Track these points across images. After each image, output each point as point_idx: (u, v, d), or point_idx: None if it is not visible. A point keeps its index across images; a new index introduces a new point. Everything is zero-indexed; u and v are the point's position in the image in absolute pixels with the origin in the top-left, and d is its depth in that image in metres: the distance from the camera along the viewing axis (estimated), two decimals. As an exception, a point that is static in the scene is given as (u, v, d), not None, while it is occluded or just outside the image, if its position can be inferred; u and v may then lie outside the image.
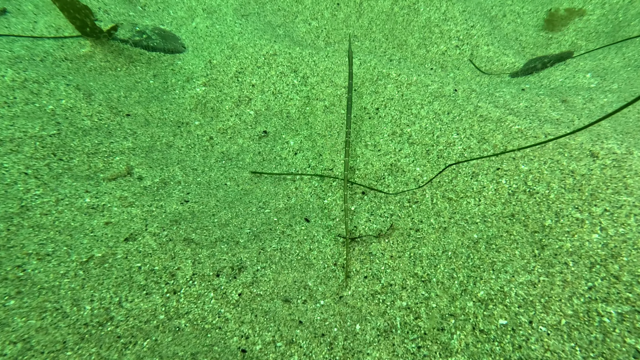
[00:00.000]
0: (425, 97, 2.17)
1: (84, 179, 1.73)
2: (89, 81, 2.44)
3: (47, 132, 1.86)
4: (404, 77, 2.34)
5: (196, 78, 2.71)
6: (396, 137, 2.04)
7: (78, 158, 1.84)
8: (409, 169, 1.87)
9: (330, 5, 3.99)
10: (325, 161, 2.18)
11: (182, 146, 2.28)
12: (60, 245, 1.42)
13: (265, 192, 2.10)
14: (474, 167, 1.78)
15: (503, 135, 1.83)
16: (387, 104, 2.23)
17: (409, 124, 2.07)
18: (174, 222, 1.68)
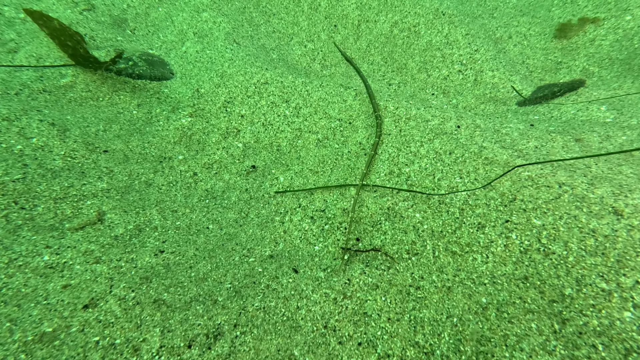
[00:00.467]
0: (425, 133, 2.03)
1: (47, 230, 1.59)
2: (67, 114, 2.34)
3: (11, 177, 1.73)
4: (402, 110, 2.22)
5: (182, 108, 2.60)
6: (394, 178, 1.90)
7: (43, 205, 1.71)
8: (407, 215, 1.72)
9: (327, 27, 3.92)
10: (317, 201, 2.04)
11: (162, 184, 2.15)
12: (3, 321, 1.27)
13: (250, 236, 1.95)
14: (480, 217, 1.62)
15: (511, 183, 1.68)
16: (385, 139, 2.10)
17: (407, 164, 1.93)
18: (145, 279, 1.53)
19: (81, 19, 3.26)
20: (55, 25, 2.52)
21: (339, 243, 1.82)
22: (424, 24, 3.64)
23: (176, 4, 3.87)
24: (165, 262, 1.67)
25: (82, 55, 2.56)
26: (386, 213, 1.74)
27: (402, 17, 3.76)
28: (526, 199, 1.62)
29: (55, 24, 2.53)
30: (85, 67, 2.60)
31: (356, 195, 1.85)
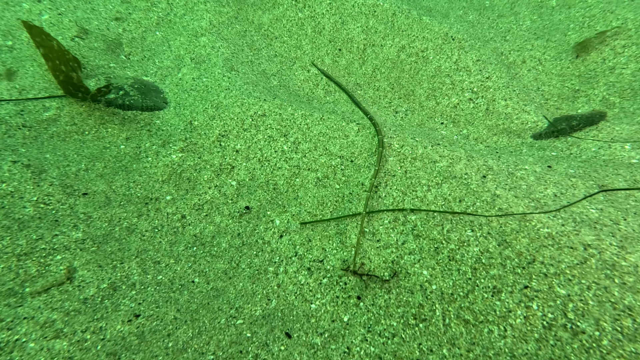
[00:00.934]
0: (432, 176, 1.87)
1: (3, 297, 1.44)
2: (46, 152, 2.22)
3: (-29, 231, 1.59)
4: (407, 149, 2.06)
5: (173, 142, 2.47)
6: (398, 226, 1.73)
7: (4, 264, 1.56)
8: (414, 271, 1.54)
9: (332, 51, 3.83)
10: (315, 249, 1.87)
11: (146, 230, 2.00)
12: None
13: (240, 291, 1.77)
14: (495, 279, 1.44)
15: (529, 240, 1.50)
16: (388, 181, 1.94)
17: (413, 211, 1.76)
18: (112, 355, 1.36)
19: (72, 46, 3.19)
20: (54, 45, 2.42)
21: (339, 301, 1.64)
22: (433, 49, 3.53)
23: (174, 28, 3.81)
24: (140, 329, 1.50)
25: (74, 83, 2.45)
26: (390, 267, 1.57)
27: (409, 41, 3.66)
28: (547, 261, 1.44)
29: (54, 44, 2.43)
30: (74, 97, 2.48)
31: (360, 226, 1.68)
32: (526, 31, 4.17)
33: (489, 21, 4.51)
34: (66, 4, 3.78)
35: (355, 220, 1.87)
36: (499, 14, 4.66)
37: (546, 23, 4.11)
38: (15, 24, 3.34)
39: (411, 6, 4.08)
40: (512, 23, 4.42)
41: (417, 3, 4.43)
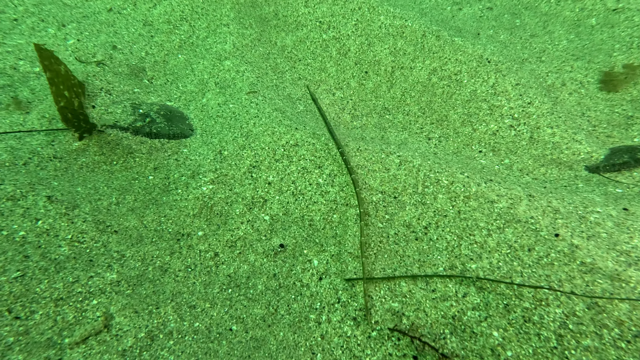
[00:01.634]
0: (492, 219, 1.82)
1: (42, 349, 1.42)
2: (77, 185, 2.24)
3: (8, 276, 1.59)
4: (459, 186, 2.02)
5: (203, 173, 2.48)
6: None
7: (42, 310, 1.54)
8: (481, 331, 1.48)
9: (357, 74, 3.85)
10: (360, 296, 1.82)
11: (179, 269, 1.98)
12: None
13: (282, 342, 1.73)
14: (590, 352, 1.36)
15: (631, 307, 1.42)
16: (439, 222, 1.89)
17: (473, 258, 1.70)
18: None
19: (97, 72, 3.27)
20: (61, 70, 2.43)
21: (392, 359, 1.58)
22: (467, 72, 3.52)
23: (197, 51, 3.89)
24: (182, 386, 1.46)
25: (74, 110, 2.44)
26: (451, 324, 1.50)
27: (441, 64, 3.67)
28: None
29: (61, 69, 2.43)
30: (71, 124, 2.40)
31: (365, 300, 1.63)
32: (563, 51, 4.15)
33: (522, 41, 4.51)
34: (90, 28, 3.90)
35: (405, 267, 1.82)
36: (532, 33, 4.67)
37: (585, 43, 4.09)
38: (41, 50, 3.44)
39: (441, 27, 4.11)
40: (547, 43, 4.41)
41: (446, 23, 4.46)
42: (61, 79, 2.45)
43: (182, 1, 4.25)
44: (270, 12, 4.45)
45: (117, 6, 4.30)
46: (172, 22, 4.11)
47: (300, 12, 4.27)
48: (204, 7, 4.27)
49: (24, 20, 3.79)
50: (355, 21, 4.17)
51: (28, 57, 3.30)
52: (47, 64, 2.37)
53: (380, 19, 4.12)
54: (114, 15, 4.16)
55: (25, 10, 3.94)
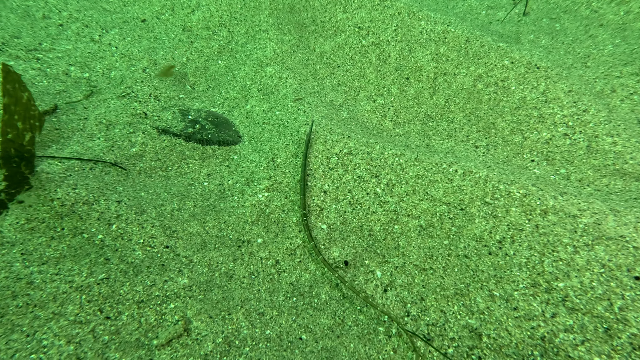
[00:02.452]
0: (577, 235, 1.85)
1: (134, 348, 1.52)
2: (140, 191, 2.36)
3: (96, 278, 1.70)
4: (533, 200, 2.07)
5: (258, 180, 2.58)
6: (541, 294, 1.71)
7: (127, 312, 1.65)
8: (578, 355, 1.51)
9: (398, 80, 3.93)
10: (432, 311, 1.87)
11: (244, 276, 2.07)
12: None
13: (352, 354, 1.79)
14: None
15: None
16: (515, 237, 1.94)
17: (559, 277, 1.74)
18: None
19: (144, 77, 3.42)
20: (23, 98, 1.99)
21: (470, 372, 1.63)
22: (515, 79, 3.57)
23: (236, 57, 4.02)
24: (265, 391, 1.54)
25: (21, 145, 1.94)
26: (540, 345, 1.55)
27: (487, 70, 3.72)
28: None
29: (24, 96, 2.00)
30: (7, 164, 1.88)
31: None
32: (609, 56, 4.16)
33: (564, 46, 4.54)
34: (131, 33, 4.07)
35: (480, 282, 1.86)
36: (573, 38, 4.68)
37: (634, 47, 4.09)
38: (90, 55, 3.62)
39: (484, 32, 4.16)
40: (591, 48, 4.43)
41: (486, 28, 4.52)
42: (20, 107, 1.95)
43: (220, 7, 4.41)
44: (308, 18, 4.57)
45: (155, 12, 4.47)
46: (210, 28, 4.26)
47: (339, 18, 4.37)
48: (242, 13, 4.42)
49: (69, 26, 3.98)
50: (395, 27, 4.25)
51: (77, 63, 3.47)
52: (9, 88, 1.91)
53: (421, 24, 4.19)
54: (153, 21, 4.33)
55: (69, 15, 4.13)
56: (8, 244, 1.80)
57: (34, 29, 3.93)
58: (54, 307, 1.57)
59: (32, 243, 1.81)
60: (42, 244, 1.82)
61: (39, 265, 1.71)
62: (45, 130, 2.60)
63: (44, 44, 3.66)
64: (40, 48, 3.52)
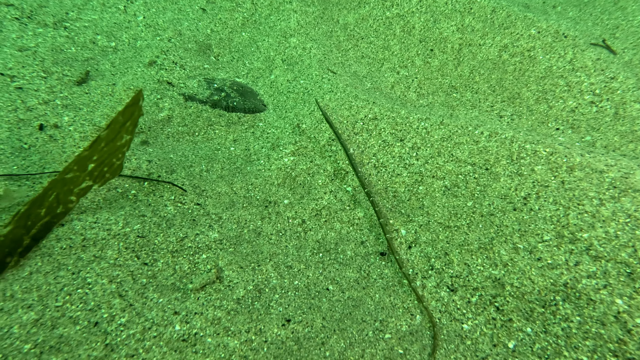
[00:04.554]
0: (603, 189, 1.82)
1: (170, 291, 1.58)
2: (169, 153, 2.40)
3: (131, 228, 1.76)
4: (560, 157, 2.03)
5: (283, 145, 2.60)
6: (565, 245, 1.70)
7: (162, 260, 1.71)
8: (600, 298, 1.51)
9: (422, 52, 3.85)
10: (456, 264, 1.88)
11: (271, 233, 2.11)
12: None
13: (378, 303, 1.82)
14: None
15: None
16: (540, 192, 1.92)
17: (584, 228, 1.72)
18: (278, 358, 1.44)
19: (170, 47, 3.44)
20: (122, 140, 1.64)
21: (497, 324, 1.64)
22: (541, 48, 3.46)
23: (260, 29, 4.00)
24: (295, 335, 1.58)
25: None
26: (562, 290, 1.54)
27: (512, 40, 3.61)
28: None
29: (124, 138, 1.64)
30: None
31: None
32: (639, 27, 4.00)
33: (592, 17, 4.36)
34: (156, 4, 4.08)
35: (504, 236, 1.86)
36: (602, 9, 4.50)
37: (668, 18, 3.91)
38: (116, 25, 3.66)
39: (510, 2, 4.03)
40: (620, 19, 4.25)
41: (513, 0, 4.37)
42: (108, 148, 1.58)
43: (243, -21, 4.36)
44: (331, -10, 4.48)
45: (178, -16, 4.45)
46: (234, 0, 4.24)
47: (363, -11, 4.28)
48: (265, -15, 4.36)
49: (95, -2, 4.01)
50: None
51: (104, 32, 3.52)
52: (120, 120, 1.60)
53: (446, -6, 4.08)
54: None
55: (96, -12, 4.16)
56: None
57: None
58: (94, 251, 1.63)
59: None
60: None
61: (77, 214, 1.78)
62: (76, 94, 2.67)
63: (70, 13, 3.70)
64: (67, 17, 3.57)
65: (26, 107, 2.43)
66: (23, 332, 1.36)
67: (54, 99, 2.54)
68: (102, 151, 1.61)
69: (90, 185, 1.61)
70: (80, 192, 1.59)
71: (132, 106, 1.67)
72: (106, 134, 1.60)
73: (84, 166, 1.58)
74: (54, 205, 1.53)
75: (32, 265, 1.53)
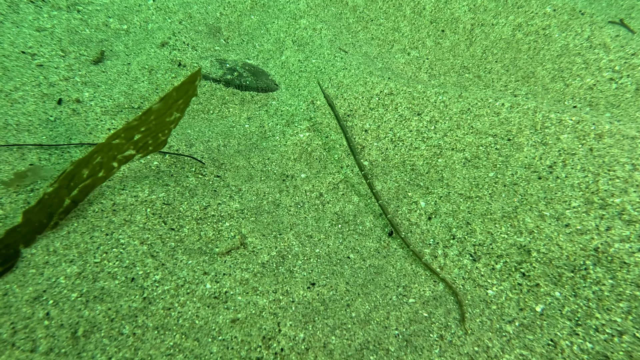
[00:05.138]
0: (636, 154, 1.82)
1: (198, 254, 1.60)
2: (186, 129, 2.43)
3: (157, 195, 1.79)
4: (587, 125, 2.03)
5: (298, 122, 2.61)
6: (595, 210, 1.71)
7: (188, 226, 1.73)
8: (635, 261, 1.52)
9: (433, 33, 3.84)
10: (478, 233, 1.89)
11: (290, 205, 2.13)
12: (189, 356, 1.26)
13: (400, 271, 1.84)
14: None
15: None
16: (567, 160, 1.92)
17: (615, 193, 1.73)
18: (307, 317, 1.47)
19: (181, 29, 3.45)
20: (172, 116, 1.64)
21: (523, 289, 1.66)
22: (557, 26, 3.44)
23: (269, 12, 4.00)
24: (321, 297, 1.60)
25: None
26: (593, 255, 1.56)
27: (527, 19, 3.60)
28: None
29: (173, 115, 1.65)
30: None
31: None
32: (656, 7, 3.97)
33: (607, -2, 4.33)
34: (165, -11, 4.09)
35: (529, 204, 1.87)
36: (617, -11, 4.48)
37: (685, -4, 3.88)
38: (127, 8, 3.68)
39: (523, -18, 4.01)
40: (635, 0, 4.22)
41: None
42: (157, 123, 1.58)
43: (251, -38, 4.35)
44: (340, -28, 4.47)
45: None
46: (243, -16, 4.23)
47: (373, -30, 4.26)
48: (273, -32, 4.36)
49: (105, -17, 4.03)
50: (431, -22, 4.13)
51: (116, 15, 3.54)
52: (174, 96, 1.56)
53: (458, -26, 4.06)
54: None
55: (105, -27, 4.17)
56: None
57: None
58: (124, 215, 1.67)
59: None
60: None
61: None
62: (93, 72, 2.69)
63: (82, -2, 3.72)
64: (80, 1, 3.59)
65: (49, 83, 2.46)
66: (69, 282, 1.40)
67: (73, 76, 2.57)
68: (150, 123, 1.60)
69: (133, 155, 1.63)
70: (122, 159, 1.61)
71: (188, 84, 1.65)
72: (157, 108, 1.59)
73: (130, 135, 1.58)
74: (97, 168, 1.56)
75: (68, 226, 1.57)
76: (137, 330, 1.30)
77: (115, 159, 1.59)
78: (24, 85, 2.37)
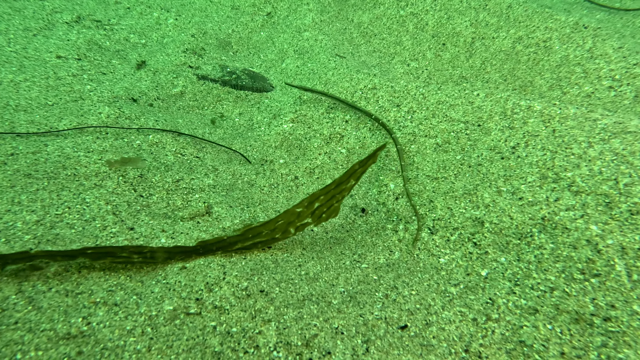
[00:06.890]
0: (594, 133, 1.84)
1: (161, 217, 1.75)
2: (177, 118, 2.65)
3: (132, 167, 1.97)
4: (554, 110, 2.07)
5: (284, 114, 2.79)
6: (547, 184, 1.73)
7: (157, 195, 1.89)
8: (575, 226, 1.52)
9: (434, 46, 4.00)
10: (439, 209, 1.93)
11: (264, 185, 2.26)
12: (130, 294, 1.38)
13: (360, 242, 1.90)
14: None
15: None
16: (529, 141, 1.96)
17: (568, 168, 1.74)
18: (254, 271, 1.55)
19: (192, 41, 3.81)
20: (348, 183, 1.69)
21: (472, 257, 1.67)
22: (558, 39, 3.52)
23: (277, 28, 4.33)
24: (274, 257, 1.69)
25: None
26: (539, 224, 1.57)
27: (528, 32, 3.70)
28: None
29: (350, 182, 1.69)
30: None
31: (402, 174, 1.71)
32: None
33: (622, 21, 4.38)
34: (186, 12, 4.54)
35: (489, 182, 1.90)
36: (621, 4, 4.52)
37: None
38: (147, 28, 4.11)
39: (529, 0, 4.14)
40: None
41: None
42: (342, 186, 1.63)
43: (266, -14, 4.75)
44: (349, -7, 4.79)
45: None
46: (256, 5, 4.63)
47: (379, -10, 4.54)
48: (285, -10, 4.73)
49: (135, 8, 4.54)
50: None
51: (137, 32, 3.96)
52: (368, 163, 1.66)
53: (461, -8, 4.26)
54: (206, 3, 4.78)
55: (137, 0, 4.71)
56: (62, 136, 2.16)
57: (106, 10, 4.53)
58: (95, 180, 1.85)
59: (81, 139, 2.15)
60: (88, 140, 2.15)
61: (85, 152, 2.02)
62: (102, 72, 3.02)
63: (112, 20, 4.20)
64: (108, 23, 4.06)
65: (56, 77, 2.80)
66: (25, 227, 1.57)
67: (82, 74, 2.91)
68: (329, 193, 1.66)
69: (309, 223, 1.67)
70: (299, 227, 1.66)
71: (371, 157, 1.70)
72: (339, 178, 1.65)
73: (312, 204, 1.65)
74: (276, 231, 1.62)
75: (38, 184, 1.76)
76: (82, 270, 1.44)
77: (294, 225, 1.64)
78: (33, 77, 2.71)
